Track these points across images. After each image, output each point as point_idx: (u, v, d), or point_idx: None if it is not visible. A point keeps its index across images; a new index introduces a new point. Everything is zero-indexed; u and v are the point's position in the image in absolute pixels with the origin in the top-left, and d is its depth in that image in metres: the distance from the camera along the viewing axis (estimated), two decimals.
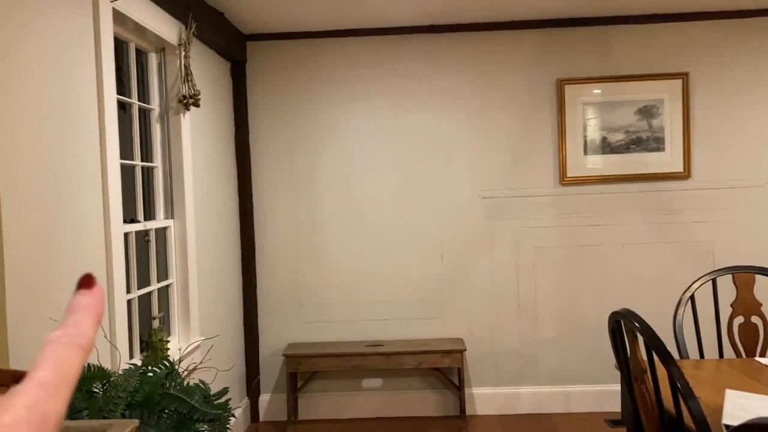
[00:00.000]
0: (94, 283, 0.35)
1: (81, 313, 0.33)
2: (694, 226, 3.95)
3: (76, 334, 0.32)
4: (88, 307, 0.34)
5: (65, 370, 0.31)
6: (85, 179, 2.19)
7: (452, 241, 4.02)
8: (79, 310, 0.34)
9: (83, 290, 0.34)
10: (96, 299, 0.34)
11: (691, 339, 2.71)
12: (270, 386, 4.12)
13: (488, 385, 4.05)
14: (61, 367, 0.31)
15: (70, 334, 0.32)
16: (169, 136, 3.11)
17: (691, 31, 3.90)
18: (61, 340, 0.32)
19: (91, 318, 0.33)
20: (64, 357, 0.31)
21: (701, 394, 1.94)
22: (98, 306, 0.34)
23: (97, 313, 0.34)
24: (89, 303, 0.34)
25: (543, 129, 3.97)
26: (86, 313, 0.33)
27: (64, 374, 0.31)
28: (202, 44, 3.42)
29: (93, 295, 0.34)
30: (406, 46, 3.97)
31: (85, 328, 0.33)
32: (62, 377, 0.30)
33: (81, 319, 0.33)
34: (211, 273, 3.49)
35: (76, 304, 0.34)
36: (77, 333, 0.32)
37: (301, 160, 4.04)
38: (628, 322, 1.71)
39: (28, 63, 1.89)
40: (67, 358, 0.31)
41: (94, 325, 0.33)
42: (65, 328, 0.33)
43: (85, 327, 0.33)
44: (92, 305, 0.34)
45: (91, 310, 0.34)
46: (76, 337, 0.32)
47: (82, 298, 0.34)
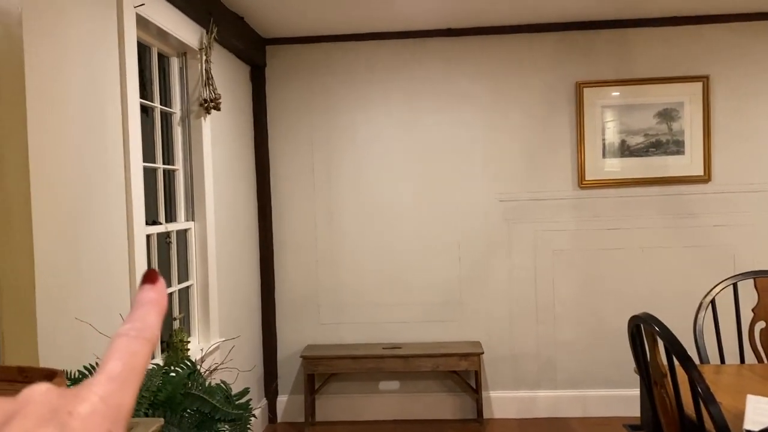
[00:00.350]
0: (157, 278, 0.36)
1: (147, 307, 0.34)
2: (715, 229, 3.92)
3: (143, 327, 0.33)
4: (152, 301, 0.34)
5: (134, 362, 0.32)
6: (109, 182, 2.22)
7: (470, 243, 4.02)
8: (145, 304, 0.34)
9: (147, 285, 0.35)
10: (160, 294, 0.35)
11: (712, 344, 2.69)
12: (288, 387, 4.15)
13: (506, 389, 4.05)
14: (131, 360, 0.31)
15: (137, 328, 0.33)
16: (190, 140, 3.15)
17: (711, 34, 3.88)
18: (130, 334, 0.33)
19: (156, 312, 0.34)
20: (133, 350, 0.32)
21: (722, 399, 1.93)
22: (162, 300, 0.35)
23: (161, 306, 0.35)
24: (154, 297, 0.34)
25: (561, 132, 3.96)
26: (151, 307, 0.34)
27: (134, 366, 0.31)
28: (222, 48, 3.46)
29: (157, 289, 0.35)
30: (424, 49, 3.99)
31: (150, 321, 0.34)
32: (132, 369, 0.31)
33: (147, 313, 0.34)
34: (230, 274, 3.52)
35: (142, 298, 0.34)
36: (144, 326, 0.33)
37: (320, 162, 4.07)
38: (647, 325, 1.71)
39: (56, 68, 1.93)
40: (136, 351, 0.32)
41: (159, 318, 0.34)
42: (133, 322, 0.33)
43: (150, 320, 0.34)
44: (156, 299, 0.35)
45: (155, 304, 0.34)
46: (143, 330, 0.33)
47: (147, 293, 0.35)
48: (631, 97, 3.91)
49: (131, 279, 2.35)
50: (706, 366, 2.43)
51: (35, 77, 1.80)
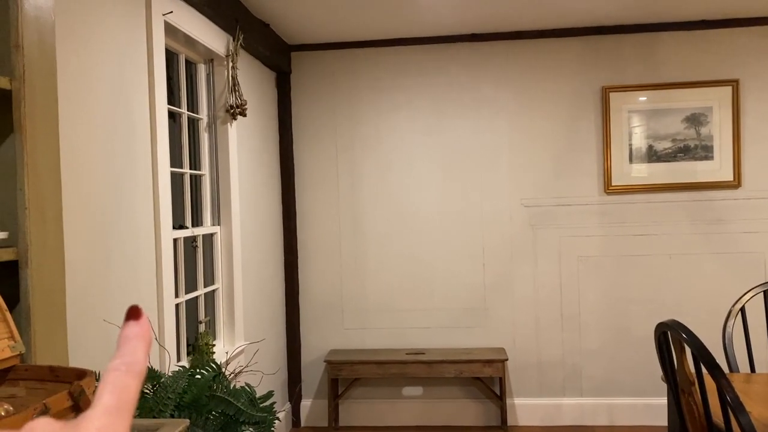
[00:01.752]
0: (141, 314, 0.37)
1: (133, 342, 0.36)
2: (744, 236, 3.85)
3: (132, 362, 0.35)
4: (138, 336, 0.36)
5: (126, 396, 0.34)
6: (138, 186, 2.26)
7: (494, 249, 4.00)
8: (131, 339, 0.36)
9: (132, 321, 0.37)
10: (144, 328, 0.37)
11: (742, 352, 2.64)
12: (311, 392, 4.16)
13: (530, 396, 4.01)
14: (123, 393, 0.33)
15: (127, 363, 0.35)
16: (216, 145, 3.19)
17: (741, 38, 3.82)
18: (121, 369, 0.34)
19: (142, 346, 0.36)
20: (124, 384, 0.34)
21: (752, 408, 1.89)
22: (147, 334, 0.37)
23: (147, 341, 0.36)
24: (139, 332, 0.36)
25: (587, 137, 3.93)
26: (138, 342, 0.36)
27: (126, 400, 0.33)
28: (248, 55, 3.50)
29: (141, 324, 0.37)
30: (448, 55, 3.99)
31: (138, 356, 0.35)
32: (124, 402, 0.33)
33: (134, 347, 0.35)
34: (255, 279, 3.55)
35: (128, 334, 0.36)
36: (133, 361, 0.35)
37: (344, 168, 4.09)
38: (675, 333, 1.69)
39: (87, 75, 1.97)
40: (127, 385, 0.34)
41: (146, 352, 0.36)
42: (122, 357, 0.35)
43: (138, 355, 0.35)
44: (142, 334, 0.36)
45: (141, 339, 0.36)
46: (132, 365, 0.35)
47: (132, 328, 0.36)
48: (659, 101, 3.86)
49: (158, 282, 2.38)
50: (736, 375, 2.39)
51: (66, 84, 1.84)
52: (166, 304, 2.40)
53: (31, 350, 1.21)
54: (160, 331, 2.37)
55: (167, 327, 2.41)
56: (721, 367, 1.54)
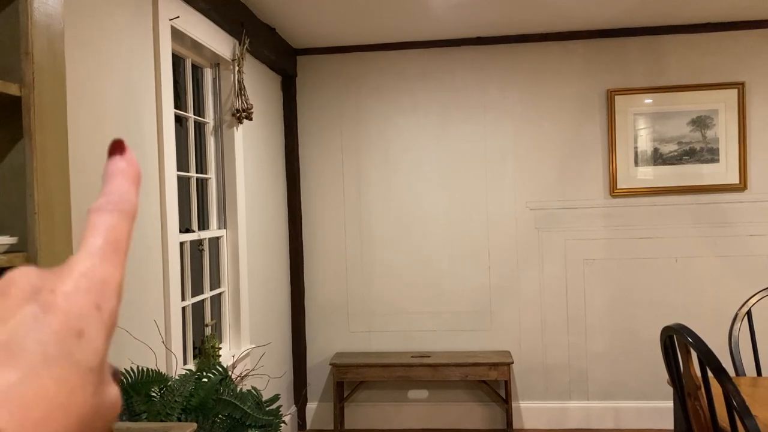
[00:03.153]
0: (125, 148, 0.33)
1: (119, 178, 0.32)
2: (751, 239, 3.84)
3: (119, 200, 0.31)
4: (124, 171, 0.33)
5: (114, 235, 0.30)
6: (145, 190, 2.28)
7: (500, 252, 4.00)
8: (116, 175, 0.32)
9: (116, 156, 0.33)
10: (130, 162, 0.33)
11: (748, 356, 2.64)
12: (317, 395, 4.17)
13: (536, 399, 4.01)
14: (110, 234, 0.30)
15: (112, 201, 0.31)
16: (222, 149, 3.20)
17: (747, 40, 3.81)
18: (106, 208, 0.31)
19: (129, 181, 0.32)
20: (111, 224, 0.30)
21: (758, 412, 1.89)
22: (134, 169, 0.33)
23: (134, 176, 0.33)
24: (124, 167, 0.33)
25: (592, 140, 3.93)
26: (124, 178, 0.32)
27: (115, 239, 0.30)
28: (254, 59, 3.52)
29: (126, 159, 0.33)
30: (453, 58, 4.00)
31: (125, 192, 0.32)
32: (113, 243, 0.30)
33: (120, 184, 0.32)
34: (261, 282, 3.56)
35: (112, 170, 0.33)
36: (120, 199, 0.31)
37: (350, 171, 4.10)
38: (681, 336, 1.69)
39: (95, 80, 1.99)
40: (114, 225, 0.30)
41: (134, 188, 0.32)
42: (107, 195, 0.32)
43: (125, 191, 0.32)
44: (128, 169, 0.33)
45: (127, 174, 0.33)
46: (119, 203, 0.31)
47: (117, 163, 0.33)
48: (664, 104, 3.86)
49: (165, 285, 2.39)
50: (742, 378, 2.38)
51: (75, 89, 1.86)
52: (172, 307, 2.41)
53: None
54: (167, 335, 2.38)
55: (174, 330, 2.42)
56: (727, 372, 1.54)
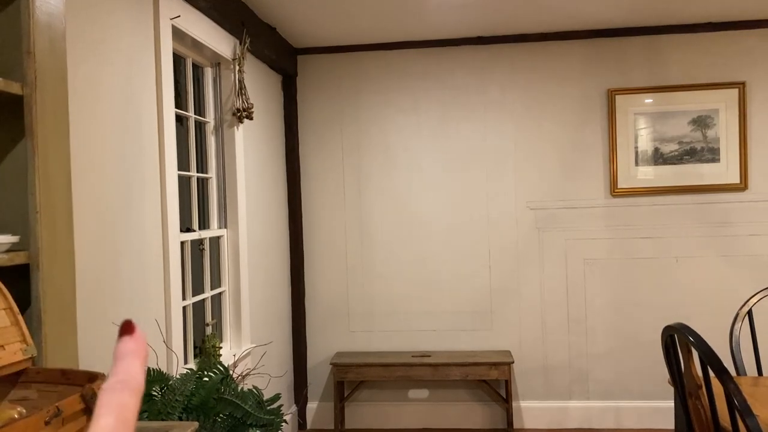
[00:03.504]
0: (135, 329, 0.37)
1: (128, 358, 0.35)
2: (751, 239, 3.84)
3: (128, 379, 0.35)
4: (133, 352, 0.36)
5: (124, 414, 0.33)
6: (145, 189, 2.28)
7: (500, 252, 4.00)
8: (126, 355, 0.36)
9: (126, 336, 0.36)
10: (139, 344, 0.36)
11: (749, 355, 2.64)
12: (317, 394, 4.17)
13: (536, 399, 4.01)
14: (121, 413, 0.33)
15: (122, 381, 0.34)
16: (223, 148, 3.20)
17: (747, 40, 3.81)
18: (116, 387, 0.34)
19: (138, 362, 0.36)
20: (122, 403, 0.34)
21: (759, 411, 1.89)
22: (142, 350, 0.36)
23: (142, 356, 0.36)
24: (134, 348, 0.36)
25: (593, 140, 3.93)
26: (133, 358, 0.36)
27: (125, 419, 0.33)
28: (255, 59, 3.52)
29: (136, 339, 0.36)
30: (454, 58, 3.99)
31: (134, 372, 0.35)
32: (123, 422, 0.33)
33: (129, 364, 0.35)
34: (261, 281, 3.56)
35: (123, 350, 0.36)
36: (128, 378, 0.35)
37: (351, 170, 4.10)
38: (682, 336, 1.69)
39: (96, 80, 1.99)
40: (124, 404, 0.34)
41: (142, 367, 0.36)
42: (117, 375, 0.35)
43: (134, 371, 0.35)
44: (137, 350, 0.36)
45: (136, 355, 0.36)
46: (128, 382, 0.35)
47: (127, 344, 0.36)
48: (665, 104, 3.86)
49: (165, 285, 2.39)
50: (743, 378, 2.38)
51: (76, 89, 1.86)
52: (173, 306, 2.41)
53: (42, 353, 1.22)
54: (168, 334, 2.38)
55: (174, 329, 2.42)
56: (728, 371, 1.54)
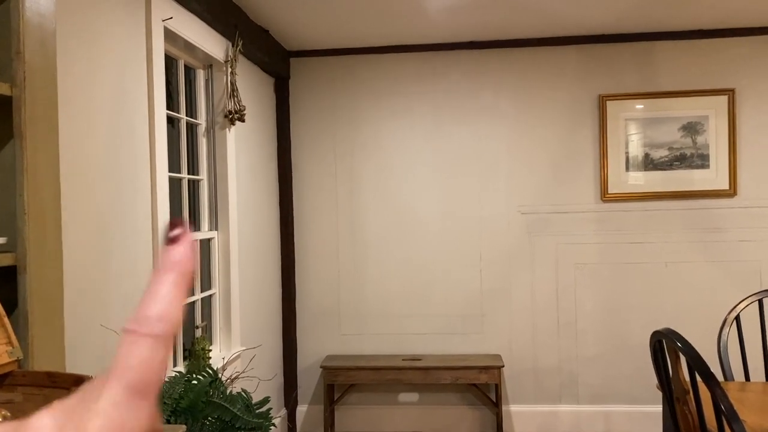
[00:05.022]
0: (182, 236, 0.28)
1: (167, 283, 0.28)
2: (741, 244, 3.86)
3: (160, 318, 0.27)
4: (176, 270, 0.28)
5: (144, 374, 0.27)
6: (136, 191, 2.27)
7: (492, 256, 4.01)
8: (166, 277, 0.28)
9: (171, 246, 0.28)
10: (187, 254, 0.28)
11: (737, 360, 2.65)
12: (307, 398, 4.16)
13: (526, 403, 4.02)
14: (140, 373, 0.27)
15: (152, 320, 0.27)
16: (214, 150, 3.19)
17: (737, 47, 3.84)
18: (143, 331, 0.27)
19: (179, 288, 0.28)
20: (144, 356, 0.27)
21: (746, 417, 1.90)
22: (188, 267, 0.28)
23: (186, 278, 0.28)
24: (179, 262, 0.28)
25: (584, 145, 3.95)
26: (174, 283, 0.28)
27: (143, 380, 0.27)
28: (247, 61, 3.51)
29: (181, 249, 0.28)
30: (447, 62, 4.00)
31: (170, 306, 0.27)
32: (141, 384, 0.27)
33: (167, 293, 0.28)
34: (252, 284, 3.55)
35: (164, 266, 0.28)
36: (160, 317, 0.27)
37: (343, 173, 4.09)
38: (669, 341, 1.69)
39: (87, 80, 1.98)
40: (148, 357, 0.27)
41: (182, 296, 0.28)
42: (148, 309, 0.27)
43: (170, 304, 0.27)
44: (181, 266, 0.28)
45: (179, 275, 0.28)
46: (159, 323, 0.27)
47: (171, 257, 0.28)
48: (655, 110, 3.88)
49: None
50: (731, 383, 2.40)
51: (66, 89, 1.85)
52: None
53: (28, 356, 1.21)
54: None
55: None
56: (715, 376, 1.55)
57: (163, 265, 0.28)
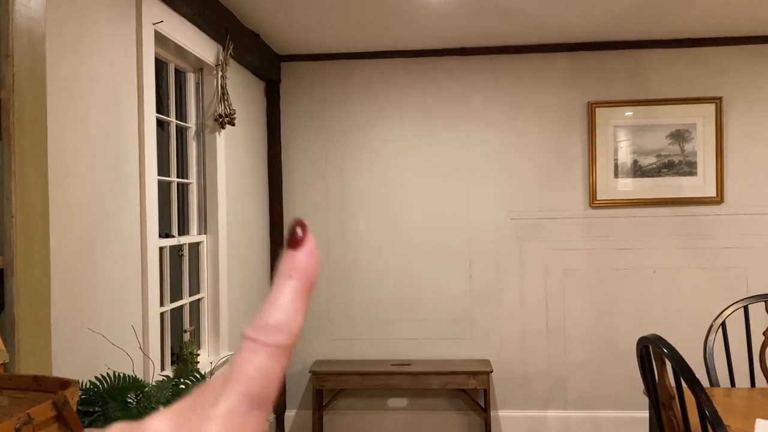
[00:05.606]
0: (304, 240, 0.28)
1: (289, 290, 0.27)
2: (727, 251, 3.90)
3: (280, 327, 0.27)
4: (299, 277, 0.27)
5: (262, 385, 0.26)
6: (125, 194, 2.26)
7: (481, 261, 4.02)
8: (288, 284, 0.27)
9: (292, 250, 0.28)
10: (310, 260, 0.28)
11: (722, 366, 2.67)
12: (296, 402, 4.15)
13: (515, 408, 4.02)
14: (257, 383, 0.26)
15: (272, 329, 0.27)
16: (204, 154, 3.19)
17: (724, 56, 3.88)
18: (263, 339, 0.27)
19: (301, 295, 0.27)
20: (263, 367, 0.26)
21: (731, 422, 1.92)
22: (311, 274, 0.28)
23: (309, 284, 0.28)
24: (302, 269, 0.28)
25: (574, 151, 3.97)
26: (296, 290, 0.27)
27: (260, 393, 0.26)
28: (238, 65, 3.51)
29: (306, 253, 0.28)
30: (438, 68, 4.02)
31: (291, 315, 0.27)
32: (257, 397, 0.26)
33: (289, 301, 0.27)
34: (240, 288, 3.54)
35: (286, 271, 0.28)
36: (281, 325, 0.27)
37: (333, 178, 4.10)
38: (656, 347, 1.71)
39: (76, 84, 1.97)
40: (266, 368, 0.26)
41: (304, 305, 0.27)
42: (268, 316, 0.27)
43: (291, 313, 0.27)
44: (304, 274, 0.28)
45: (302, 282, 0.28)
46: (280, 331, 0.27)
47: (294, 262, 0.28)
48: (644, 117, 3.92)
49: (143, 290, 2.38)
50: (717, 389, 2.42)
51: (56, 92, 1.85)
52: (150, 312, 2.39)
53: (14, 359, 1.21)
54: (145, 340, 2.36)
55: (152, 336, 2.40)
56: (700, 382, 1.56)
57: (284, 270, 0.28)
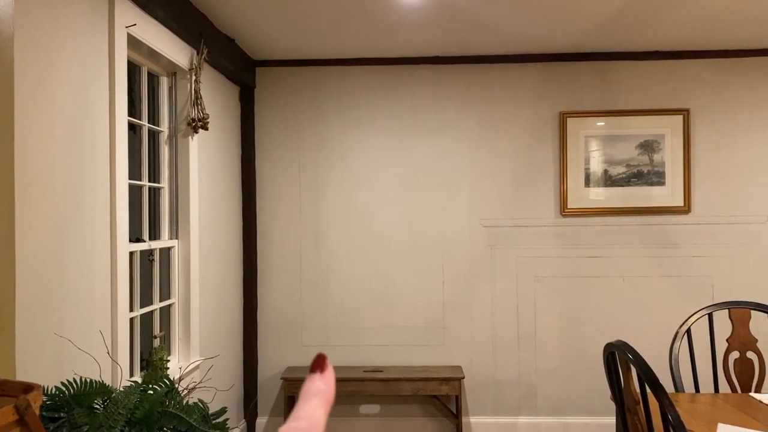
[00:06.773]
0: (326, 366, 0.35)
1: (314, 401, 0.33)
2: (694, 260, 3.98)
3: (308, 426, 0.32)
4: (320, 393, 0.34)
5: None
6: (95, 198, 2.24)
7: (454, 268, 4.05)
8: (312, 397, 0.33)
9: (316, 374, 0.34)
10: (328, 384, 0.34)
11: (687, 373, 2.72)
12: (268, 409, 4.12)
13: (486, 414, 4.05)
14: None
15: (302, 428, 0.32)
16: (176, 158, 3.17)
17: (692, 69, 3.97)
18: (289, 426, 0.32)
19: (323, 406, 0.33)
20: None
21: (695, 427, 1.96)
22: (330, 392, 0.34)
23: (328, 399, 0.34)
24: (322, 389, 0.34)
25: (545, 160, 4.02)
26: (319, 402, 0.33)
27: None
28: (212, 69, 3.50)
29: (326, 379, 0.34)
30: (412, 76, 4.05)
31: (317, 420, 0.33)
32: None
33: (314, 408, 0.33)
34: (212, 294, 3.52)
35: (310, 390, 0.34)
36: (309, 425, 0.32)
37: (307, 184, 4.10)
38: (621, 353, 1.74)
39: (45, 86, 1.95)
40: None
41: (325, 412, 0.34)
42: (298, 420, 0.33)
43: (317, 418, 0.33)
44: (325, 392, 0.34)
45: (323, 398, 0.34)
46: (309, 430, 0.32)
47: (316, 383, 0.34)
48: (614, 128, 3.99)
49: (113, 295, 2.35)
50: (681, 395, 2.46)
51: (24, 94, 1.82)
52: (120, 317, 2.37)
53: None
54: (113, 346, 2.33)
55: (121, 341, 2.37)
56: (663, 387, 1.59)
57: (308, 389, 0.34)
